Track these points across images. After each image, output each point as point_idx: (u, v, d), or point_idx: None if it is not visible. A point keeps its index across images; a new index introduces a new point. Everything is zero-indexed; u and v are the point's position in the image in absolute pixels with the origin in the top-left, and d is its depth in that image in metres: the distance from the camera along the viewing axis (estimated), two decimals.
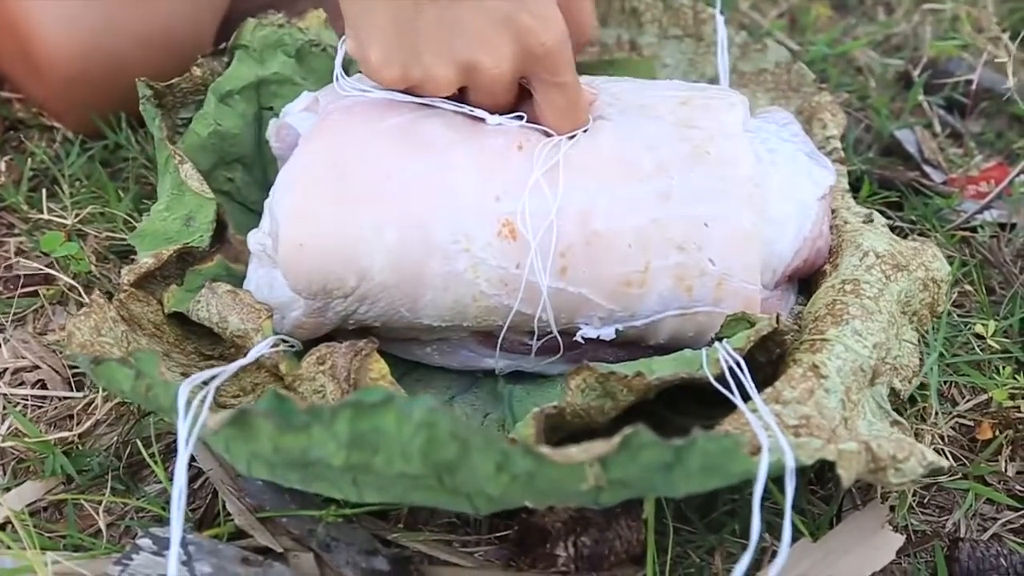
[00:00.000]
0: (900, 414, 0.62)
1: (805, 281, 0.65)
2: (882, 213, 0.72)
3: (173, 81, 0.69)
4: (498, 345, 0.62)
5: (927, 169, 0.84)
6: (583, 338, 0.60)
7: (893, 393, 0.56)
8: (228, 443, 0.44)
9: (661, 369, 0.55)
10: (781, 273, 0.61)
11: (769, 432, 0.46)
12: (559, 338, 0.61)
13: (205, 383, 0.48)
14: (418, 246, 0.57)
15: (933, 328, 0.66)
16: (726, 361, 0.53)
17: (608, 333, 0.60)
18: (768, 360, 0.56)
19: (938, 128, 0.90)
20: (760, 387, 0.52)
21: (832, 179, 0.63)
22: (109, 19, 0.78)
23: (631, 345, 0.62)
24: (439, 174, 0.57)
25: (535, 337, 0.61)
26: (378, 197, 0.57)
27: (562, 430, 0.55)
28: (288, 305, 0.59)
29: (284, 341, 0.58)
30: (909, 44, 1.02)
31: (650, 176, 0.58)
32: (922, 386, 0.64)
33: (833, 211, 0.66)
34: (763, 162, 0.61)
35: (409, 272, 0.57)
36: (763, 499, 0.44)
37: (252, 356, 0.54)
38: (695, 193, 0.58)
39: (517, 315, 0.59)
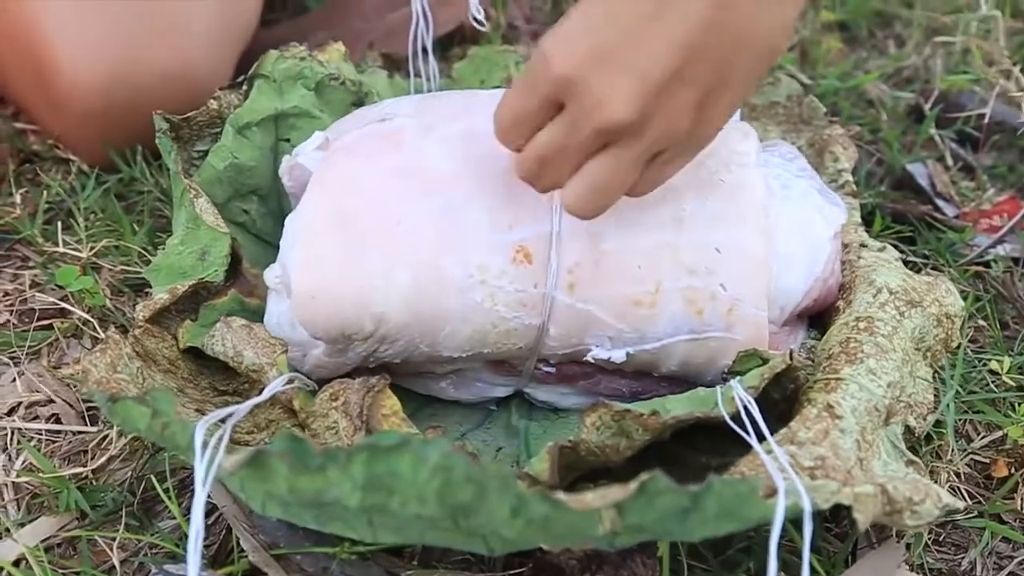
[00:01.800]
0: (915, 452, 0.62)
1: (817, 316, 0.65)
2: (895, 248, 0.72)
3: (190, 114, 0.70)
4: (529, 360, 0.61)
5: (939, 203, 0.84)
6: (594, 359, 0.60)
7: (908, 431, 0.56)
8: (243, 483, 0.44)
9: (676, 408, 0.54)
10: (790, 312, 0.61)
11: (784, 475, 0.46)
12: (570, 356, 0.60)
13: (221, 421, 0.48)
14: (432, 286, 0.57)
15: (949, 364, 0.66)
16: (740, 400, 0.53)
17: (619, 356, 0.59)
18: (782, 396, 0.56)
19: (950, 162, 0.90)
20: (775, 423, 0.52)
21: (844, 217, 0.63)
22: (132, 54, 0.78)
23: (644, 376, 0.62)
24: (448, 213, 0.57)
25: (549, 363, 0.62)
26: (387, 242, 0.57)
27: (577, 469, 0.54)
28: (309, 343, 0.59)
29: (299, 378, 0.58)
30: (920, 77, 1.02)
31: (662, 202, 0.58)
32: (937, 423, 0.64)
33: (846, 245, 0.66)
34: (776, 196, 0.61)
35: (426, 311, 0.57)
36: (779, 539, 0.43)
37: (267, 394, 0.54)
38: (708, 220, 0.58)
39: (537, 332, 0.59)
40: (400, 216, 0.57)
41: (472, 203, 0.58)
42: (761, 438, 0.50)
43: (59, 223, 0.79)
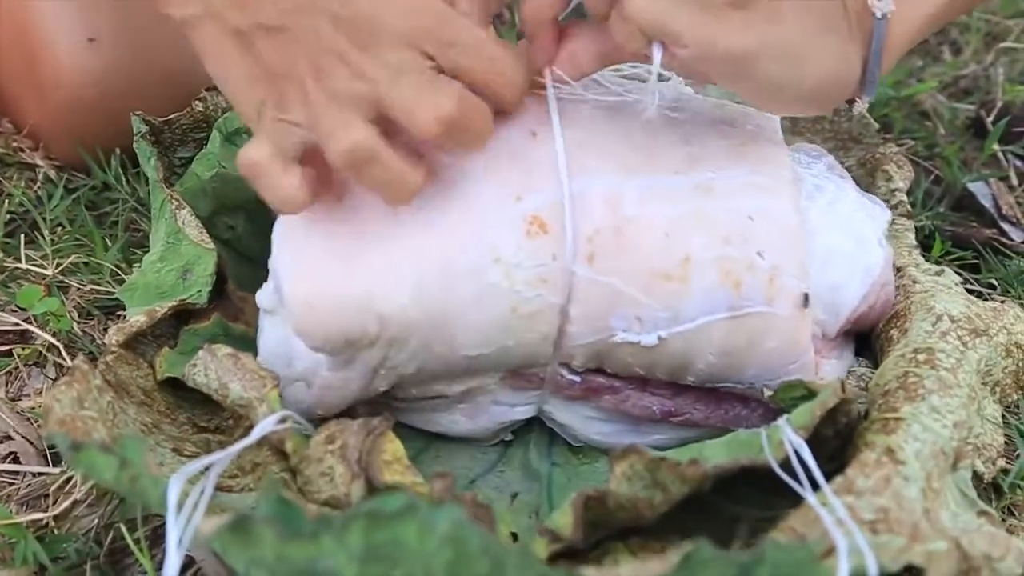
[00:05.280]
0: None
1: (864, 341, 0.64)
2: (957, 275, 0.71)
3: (172, 116, 0.69)
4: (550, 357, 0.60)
5: (1004, 226, 0.83)
6: (622, 341, 0.58)
7: (975, 477, 0.55)
8: (225, 546, 0.42)
9: (716, 455, 0.53)
10: (845, 318, 0.61)
11: (844, 530, 0.45)
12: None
13: (202, 471, 0.47)
14: (440, 274, 0.55)
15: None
16: (790, 444, 0.51)
17: (650, 340, 0.58)
18: (835, 432, 0.55)
19: (1015, 181, 0.89)
20: (827, 463, 0.50)
21: (888, 215, 0.63)
22: (140, 46, 0.78)
23: (677, 392, 0.61)
24: (446, 194, 0.56)
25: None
26: (385, 235, 0.56)
27: (604, 526, 0.53)
28: (312, 373, 0.58)
29: (293, 417, 0.56)
30: (981, 87, 1.02)
31: (686, 169, 0.58)
32: (1005, 471, 0.61)
33: (899, 269, 0.66)
34: (806, 183, 0.61)
35: (436, 303, 0.56)
36: None
37: (256, 435, 0.52)
38: (738, 187, 0.58)
39: (560, 313, 0.57)
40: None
41: (475, 177, 0.57)
42: (815, 486, 0.49)
43: (22, 236, 0.78)
